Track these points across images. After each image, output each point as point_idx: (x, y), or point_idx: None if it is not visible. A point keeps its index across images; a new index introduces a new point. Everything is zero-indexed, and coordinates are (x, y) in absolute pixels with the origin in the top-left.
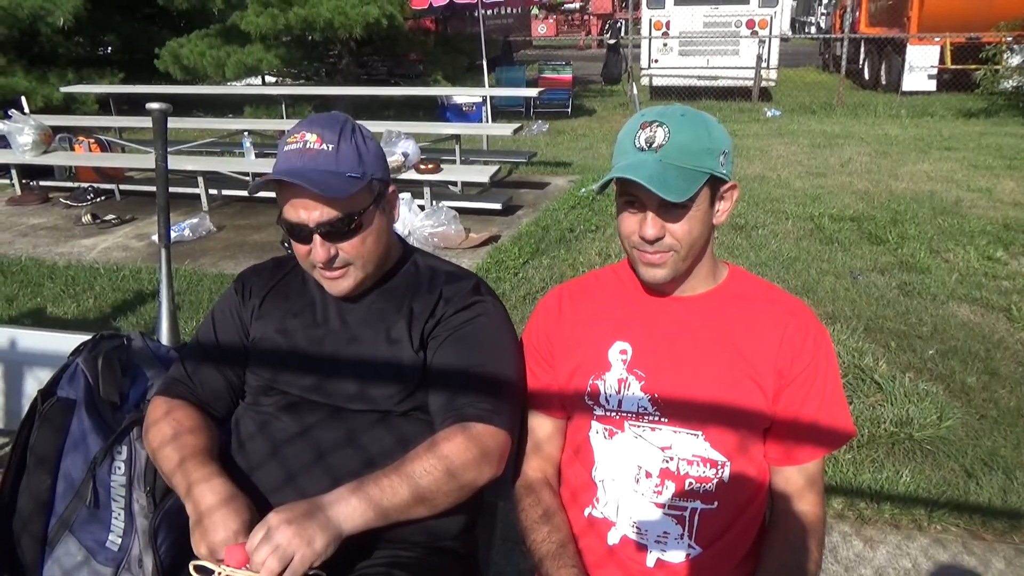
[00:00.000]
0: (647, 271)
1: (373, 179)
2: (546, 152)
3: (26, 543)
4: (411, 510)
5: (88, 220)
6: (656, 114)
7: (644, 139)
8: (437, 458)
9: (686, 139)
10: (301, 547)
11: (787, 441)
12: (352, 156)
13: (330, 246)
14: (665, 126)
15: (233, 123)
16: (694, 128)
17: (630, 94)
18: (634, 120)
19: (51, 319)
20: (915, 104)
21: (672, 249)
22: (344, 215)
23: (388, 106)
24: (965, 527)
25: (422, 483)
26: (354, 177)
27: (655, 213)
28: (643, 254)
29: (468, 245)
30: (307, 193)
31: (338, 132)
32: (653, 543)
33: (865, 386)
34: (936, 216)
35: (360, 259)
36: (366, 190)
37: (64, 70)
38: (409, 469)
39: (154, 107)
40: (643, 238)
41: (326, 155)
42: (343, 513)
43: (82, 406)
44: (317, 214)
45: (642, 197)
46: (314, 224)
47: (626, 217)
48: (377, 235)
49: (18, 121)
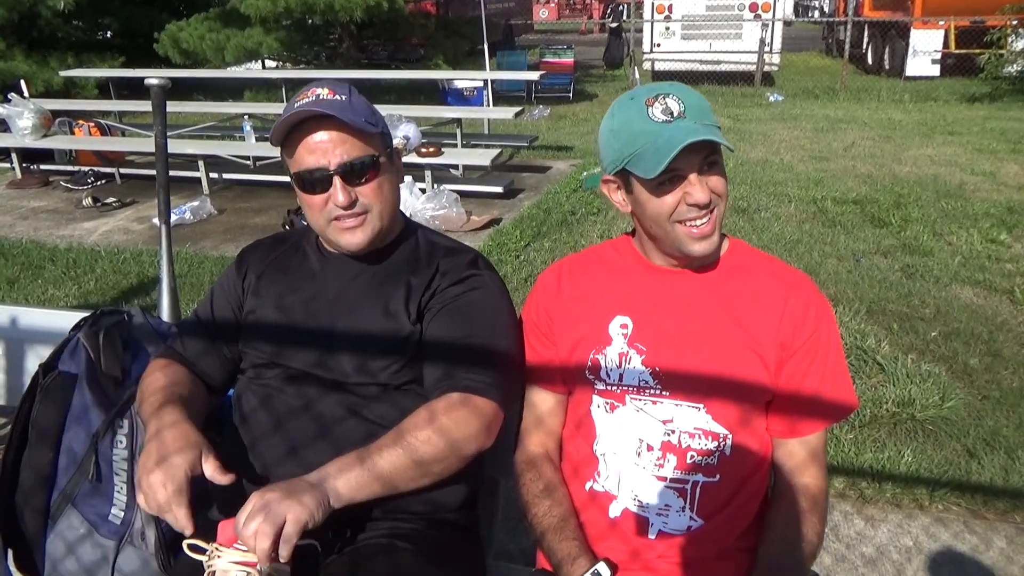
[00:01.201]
0: (699, 244)
1: (384, 132)
2: (547, 136)
3: (29, 516)
4: (406, 475)
5: (89, 203)
6: (649, 91)
7: (662, 112)
8: (431, 425)
9: (695, 100)
10: (292, 506)
11: (789, 413)
12: (364, 107)
13: (350, 189)
14: (672, 95)
15: (233, 107)
16: (691, 92)
17: (632, 79)
18: (628, 104)
19: (53, 301)
20: (919, 89)
21: (715, 207)
22: (364, 155)
23: (389, 90)
24: (967, 506)
25: (417, 449)
26: (369, 122)
27: (698, 177)
28: (691, 228)
29: (469, 228)
30: (327, 126)
31: (347, 89)
32: (654, 516)
33: (867, 367)
34: (939, 199)
35: (377, 206)
36: (379, 138)
37: (64, 54)
38: (404, 435)
39: (153, 82)
40: (695, 204)
41: (341, 103)
42: (335, 477)
43: (83, 380)
44: (338, 154)
45: (683, 166)
46: (335, 166)
47: (663, 198)
48: (391, 184)
49: (18, 105)
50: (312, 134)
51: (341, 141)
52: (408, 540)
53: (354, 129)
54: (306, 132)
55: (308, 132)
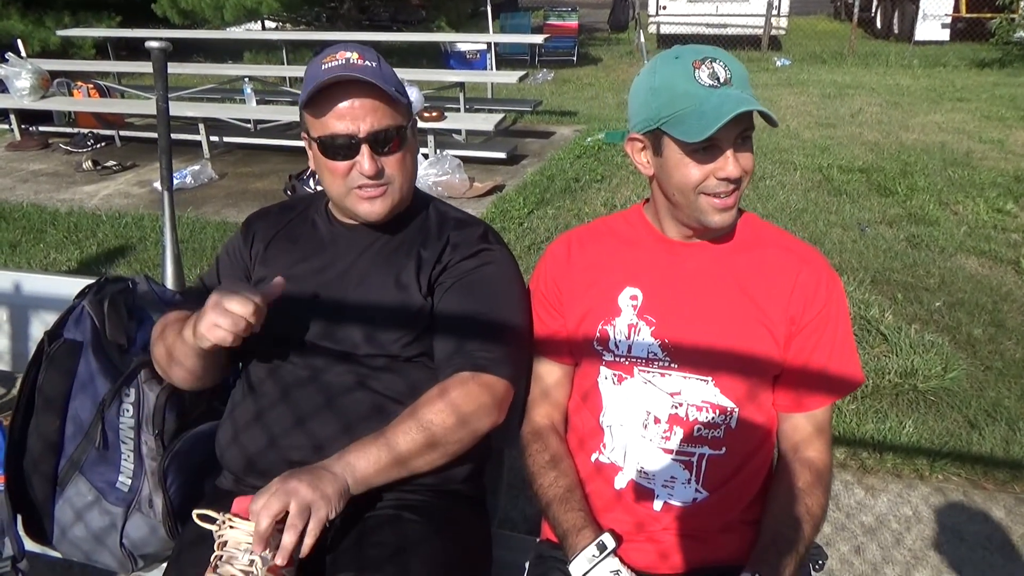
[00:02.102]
0: (721, 216)
1: (409, 103)
2: (551, 101)
3: (37, 483)
4: (423, 457)
5: (89, 166)
6: (697, 52)
7: (708, 76)
8: (448, 404)
9: (739, 69)
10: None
11: (797, 388)
12: (392, 76)
13: (377, 159)
14: (719, 60)
15: (233, 69)
16: (733, 59)
17: (637, 42)
18: (673, 62)
19: (55, 266)
20: (928, 54)
21: (741, 183)
22: (393, 125)
23: (390, 53)
24: (967, 477)
25: (435, 430)
26: (400, 92)
27: (732, 151)
28: (715, 200)
29: (472, 194)
30: (363, 92)
31: (375, 55)
32: (660, 488)
33: (871, 337)
34: (946, 168)
35: (399, 178)
36: (406, 109)
37: (60, 13)
38: (420, 418)
39: (154, 46)
40: (726, 178)
41: (372, 70)
42: (355, 463)
43: (89, 348)
44: (368, 122)
45: (722, 137)
46: (364, 134)
47: (692, 166)
48: (413, 157)
49: (15, 65)
50: (343, 100)
51: (373, 109)
52: (415, 511)
53: (388, 97)
54: (336, 97)
55: (339, 97)
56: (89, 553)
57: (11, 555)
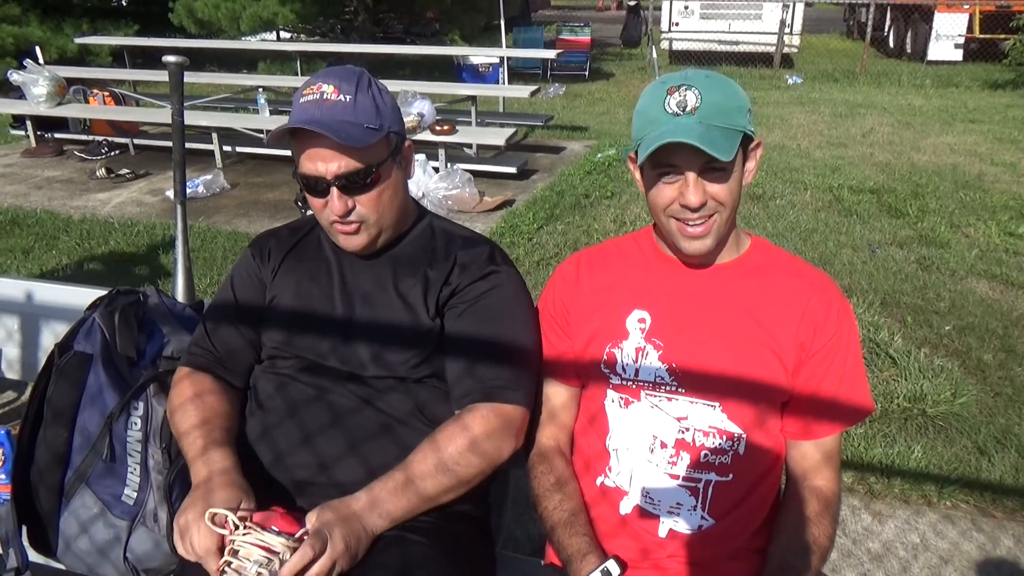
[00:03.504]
0: (691, 243)
1: (390, 132)
2: (562, 116)
3: (43, 494)
4: (448, 494)
5: (102, 174)
6: (680, 78)
7: (675, 104)
8: (472, 447)
9: (719, 98)
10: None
11: (805, 416)
12: (370, 108)
13: (347, 199)
14: (694, 88)
15: (247, 79)
16: (722, 88)
17: (649, 58)
18: (655, 87)
19: (67, 273)
20: (940, 74)
21: (715, 213)
22: (362, 167)
23: (404, 65)
24: (975, 504)
25: (460, 472)
26: (372, 128)
27: (695, 178)
28: (684, 226)
29: (482, 209)
30: (325, 143)
31: (355, 84)
32: (665, 513)
33: (880, 360)
34: (958, 190)
35: (375, 215)
36: (383, 142)
37: (79, 20)
38: (446, 460)
39: (171, 60)
40: (686, 206)
41: (344, 106)
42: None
43: (99, 360)
44: (335, 166)
45: (682, 163)
46: (332, 176)
47: (661, 188)
48: (394, 190)
49: (33, 72)
50: (312, 142)
51: (339, 153)
52: (419, 532)
53: (350, 147)
54: (306, 137)
55: (308, 137)
56: (93, 566)
57: (15, 566)
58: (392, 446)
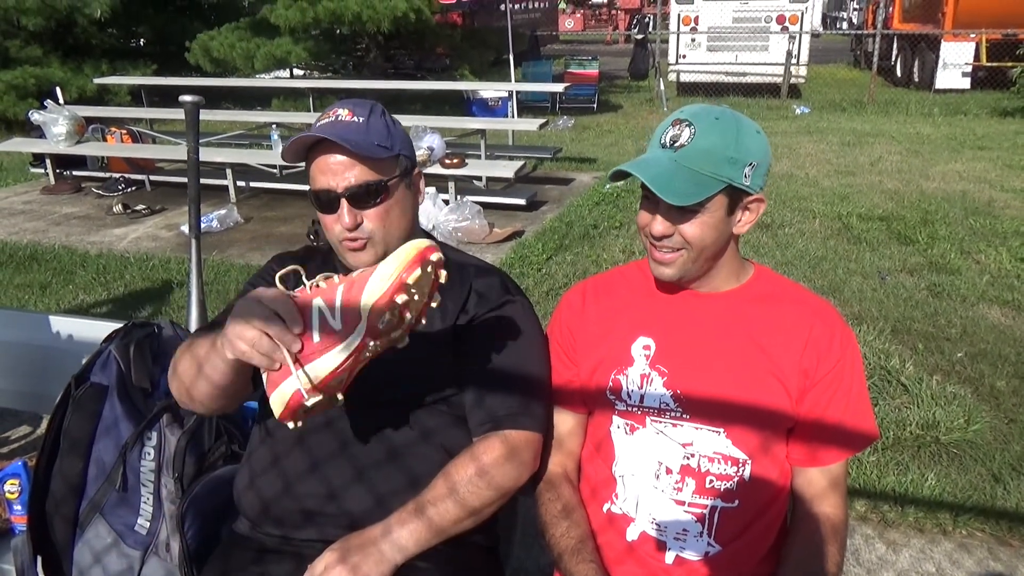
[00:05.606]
0: (657, 268)
1: (401, 154)
2: (571, 148)
3: (58, 525)
4: (460, 525)
5: (119, 210)
6: (690, 113)
7: (669, 137)
8: (487, 483)
9: (709, 144)
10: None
11: (811, 442)
12: (382, 130)
13: (356, 212)
14: (693, 127)
15: (261, 116)
16: (723, 134)
17: (657, 90)
18: (667, 118)
19: (83, 307)
20: (948, 102)
21: (682, 248)
22: (372, 180)
23: (415, 100)
24: (991, 533)
25: (470, 501)
26: (382, 146)
27: (666, 211)
28: (653, 250)
29: (492, 240)
30: (337, 151)
31: (368, 109)
32: (672, 540)
33: (891, 388)
34: (968, 216)
35: (381, 230)
36: (393, 162)
37: (98, 61)
38: (457, 488)
39: (187, 99)
40: (651, 235)
41: (356, 125)
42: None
43: (114, 392)
44: (346, 178)
45: (656, 196)
46: (342, 189)
47: (642, 211)
48: (402, 209)
49: (53, 111)
50: (325, 155)
51: (351, 165)
52: (428, 560)
53: (362, 156)
54: (320, 153)
55: (322, 153)
56: None
57: None
58: (399, 474)
